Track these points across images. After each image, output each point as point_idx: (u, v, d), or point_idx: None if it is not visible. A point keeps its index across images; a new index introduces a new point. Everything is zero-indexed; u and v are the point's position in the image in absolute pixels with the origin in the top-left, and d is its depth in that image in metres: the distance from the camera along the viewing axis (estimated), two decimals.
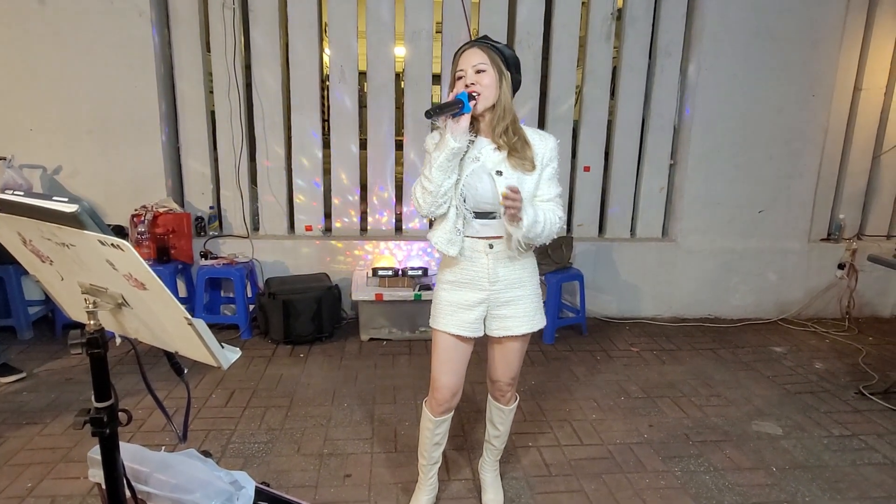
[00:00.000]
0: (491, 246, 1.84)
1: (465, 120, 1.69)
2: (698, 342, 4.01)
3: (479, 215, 1.81)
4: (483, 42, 1.78)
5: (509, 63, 1.79)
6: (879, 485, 2.41)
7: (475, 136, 1.80)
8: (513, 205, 1.65)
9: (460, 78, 1.76)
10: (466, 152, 1.76)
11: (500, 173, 1.76)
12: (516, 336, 1.93)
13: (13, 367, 3.11)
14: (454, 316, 1.88)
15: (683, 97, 4.28)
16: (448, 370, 1.94)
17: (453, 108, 1.66)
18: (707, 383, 3.35)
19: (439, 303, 1.92)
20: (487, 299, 1.88)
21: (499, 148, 1.79)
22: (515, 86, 1.84)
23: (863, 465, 2.55)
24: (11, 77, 3.69)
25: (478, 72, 1.73)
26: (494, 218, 1.81)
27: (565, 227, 4.42)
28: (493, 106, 1.77)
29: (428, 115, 1.64)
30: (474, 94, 1.71)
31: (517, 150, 1.78)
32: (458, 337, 1.90)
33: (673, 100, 4.26)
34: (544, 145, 1.84)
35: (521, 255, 1.87)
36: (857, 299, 4.49)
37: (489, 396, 2.13)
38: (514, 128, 1.79)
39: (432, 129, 1.85)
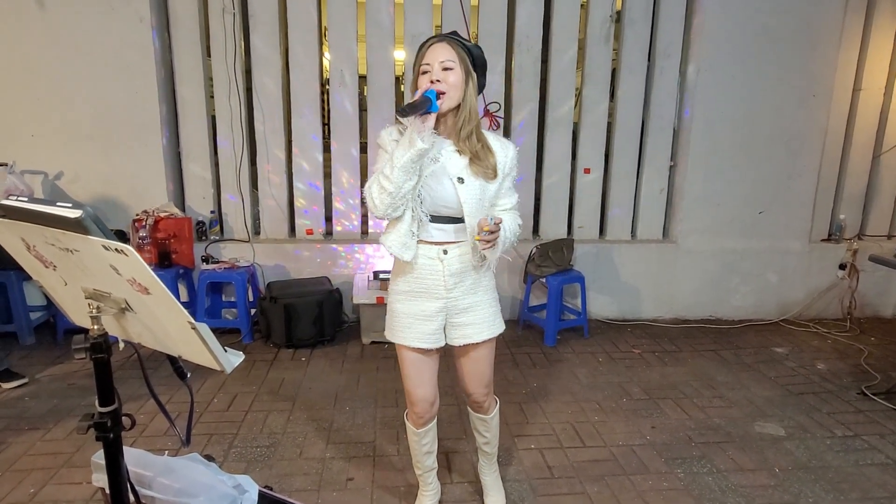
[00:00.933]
0: (445, 252, 1.76)
1: (432, 119, 1.60)
2: (700, 343, 4.01)
3: (436, 219, 1.74)
4: (453, 38, 1.69)
5: (476, 64, 1.71)
6: (882, 485, 2.41)
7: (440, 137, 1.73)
8: (493, 238, 1.63)
9: (425, 72, 1.67)
10: None
11: (461, 180, 1.70)
12: (478, 343, 1.86)
13: (15, 373, 3.11)
14: (412, 329, 1.81)
15: (683, 98, 4.29)
16: (419, 383, 1.89)
17: (422, 106, 1.57)
18: (709, 384, 3.35)
19: (395, 315, 1.84)
20: (445, 307, 1.81)
21: (460, 152, 1.72)
22: (480, 88, 1.75)
23: (866, 466, 2.55)
24: (12, 82, 3.70)
25: (445, 69, 1.65)
26: (450, 223, 1.75)
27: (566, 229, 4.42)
28: (458, 107, 1.69)
29: (402, 113, 1.56)
30: (440, 92, 1.63)
31: (479, 157, 1.72)
32: (420, 350, 1.84)
33: (672, 101, 4.27)
34: (505, 154, 1.78)
35: (480, 263, 1.81)
36: (858, 299, 4.49)
37: (468, 408, 2.08)
38: (478, 133, 1.73)
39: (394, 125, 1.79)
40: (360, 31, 3.96)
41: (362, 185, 4.23)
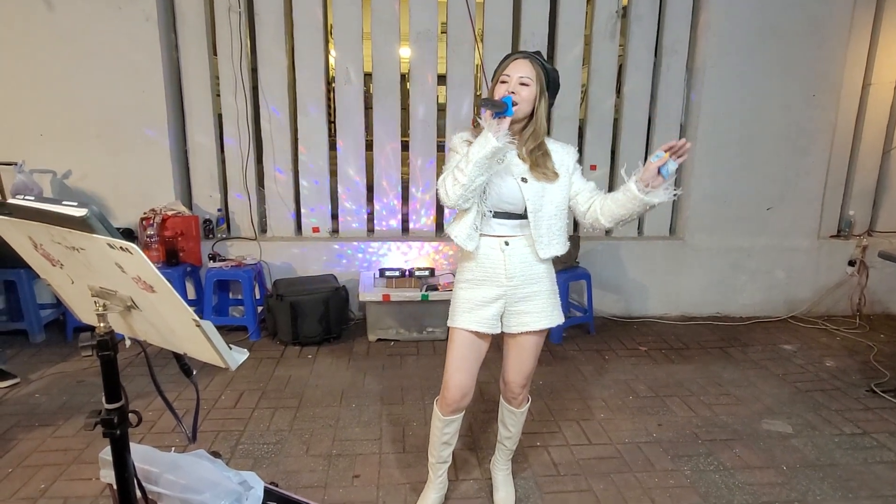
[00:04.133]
0: (507, 243, 1.89)
1: (506, 123, 1.72)
2: (707, 341, 3.99)
3: (498, 214, 1.88)
4: (535, 57, 1.83)
5: (550, 85, 1.84)
6: (891, 483, 2.39)
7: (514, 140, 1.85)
8: (682, 149, 1.71)
9: (504, 83, 1.81)
10: None
11: (525, 180, 1.84)
12: (532, 332, 1.95)
13: (8, 373, 3.12)
14: (472, 313, 1.92)
15: (689, 95, 4.27)
16: (461, 368, 1.96)
17: (499, 107, 1.71)
18: (716, 382, 3.33)
19: (457, 301, 1.96)
20: (504, 295, 1.91)
21: (522, 159, 1.87)
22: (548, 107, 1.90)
23: (874, 464, 2.53)
24: (21, 82, 3.73)
25: (521, 84, 1.79)
26: (512, 218, 1.89)
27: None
28: (526, 122, 1.84)
29: (483, 104, 1.71)
30: (516, 101, 1.76)
31: (539, 164, 1.87)
32: (475, 334, 1.93)
33: (679, 98, 4.24)
34: (565, 153, 1.94)
35: (539, 257, 1.92)
36: (868, 296, 4.45)
37: (501, 398, 2.15)
38: (540, 144, 1.88)
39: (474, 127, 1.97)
40: (366, 28, 3.96)
41: (367, 183, 4.27)
